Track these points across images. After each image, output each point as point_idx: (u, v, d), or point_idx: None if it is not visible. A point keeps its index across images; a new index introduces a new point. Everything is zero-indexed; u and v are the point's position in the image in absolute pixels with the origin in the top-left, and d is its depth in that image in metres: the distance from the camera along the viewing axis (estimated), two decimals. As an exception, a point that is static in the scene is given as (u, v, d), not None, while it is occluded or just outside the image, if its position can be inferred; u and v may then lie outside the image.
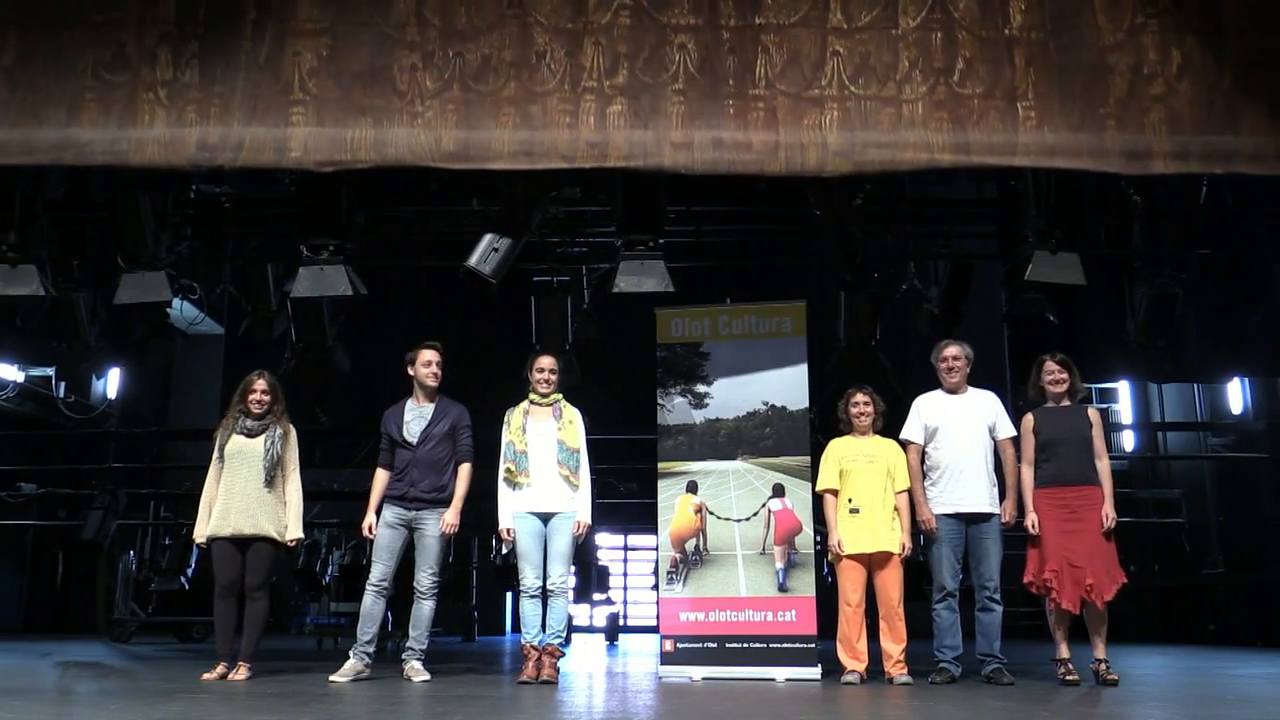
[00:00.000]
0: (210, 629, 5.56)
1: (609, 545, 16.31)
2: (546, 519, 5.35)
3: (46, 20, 5.52)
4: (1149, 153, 5.34)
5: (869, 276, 7.52)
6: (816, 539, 5.92)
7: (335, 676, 5.18)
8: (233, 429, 5.41)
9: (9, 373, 12.18)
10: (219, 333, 10.92)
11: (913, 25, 5.45)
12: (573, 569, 5.72)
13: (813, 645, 5.62)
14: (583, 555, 10.45)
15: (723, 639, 5.73)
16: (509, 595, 14.33)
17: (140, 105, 5.43)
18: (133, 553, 11.76)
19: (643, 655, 8.99)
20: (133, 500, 11.67)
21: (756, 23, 5.45)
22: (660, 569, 5.97)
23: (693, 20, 5.46)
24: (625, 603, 16.28)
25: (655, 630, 7.45)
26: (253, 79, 5.43)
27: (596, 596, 12.55)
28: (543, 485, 5.35)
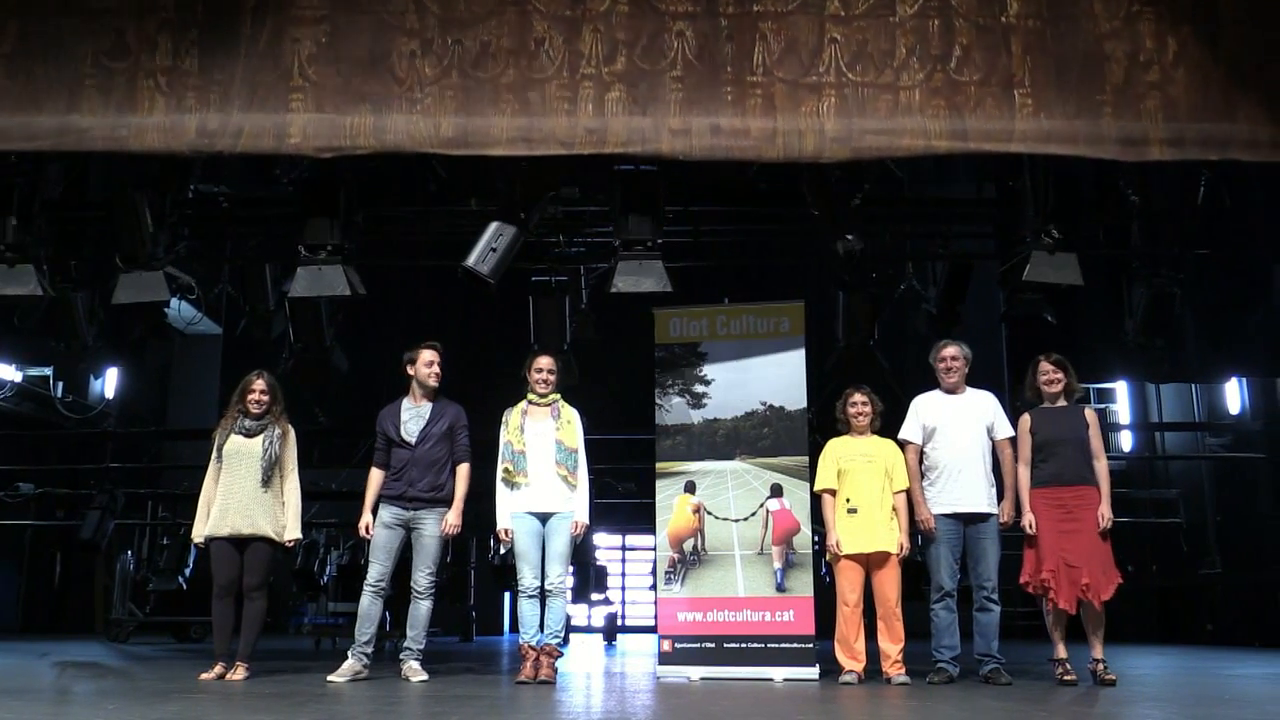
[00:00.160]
0: (208, 629, 5.54)
1: (607, 545, 16.30)
2: (544, 519, 5.35)
3: (46, 8, 5.52)
4: (1145, 139, 5.35)
5: (867, 277, 7.52)
6: (814, 539, 5.92)
7: (333, 676, 5.18)
8: (231, 429, 5.40)
9: (7, 372, 12.18)
10: (217, 332, 10.90)
11: (910, 12, 5.45)
12: (571, 569, 5.72)
13: (811, 645, 5.62)
14: (581, 555, 10.42)
15: (721, 639, 5.73)
16: (507, 595, 14.31)
17: (140, 92, 5.43)
18: (130, 553, 11.74)
19: (641, 655, 8.99)
20: (130, 500, 11.65)
21: (754, 10, 5.46)
22: (658, 569, 5.96)
23: (691, 7, 5.47)
24: (623, 603, 16.25)
25: (653, 630, 7.44)
26: (252, 66, 5.43)
27: (594, 596, 12.52)
28: (541, 485, 5.35)
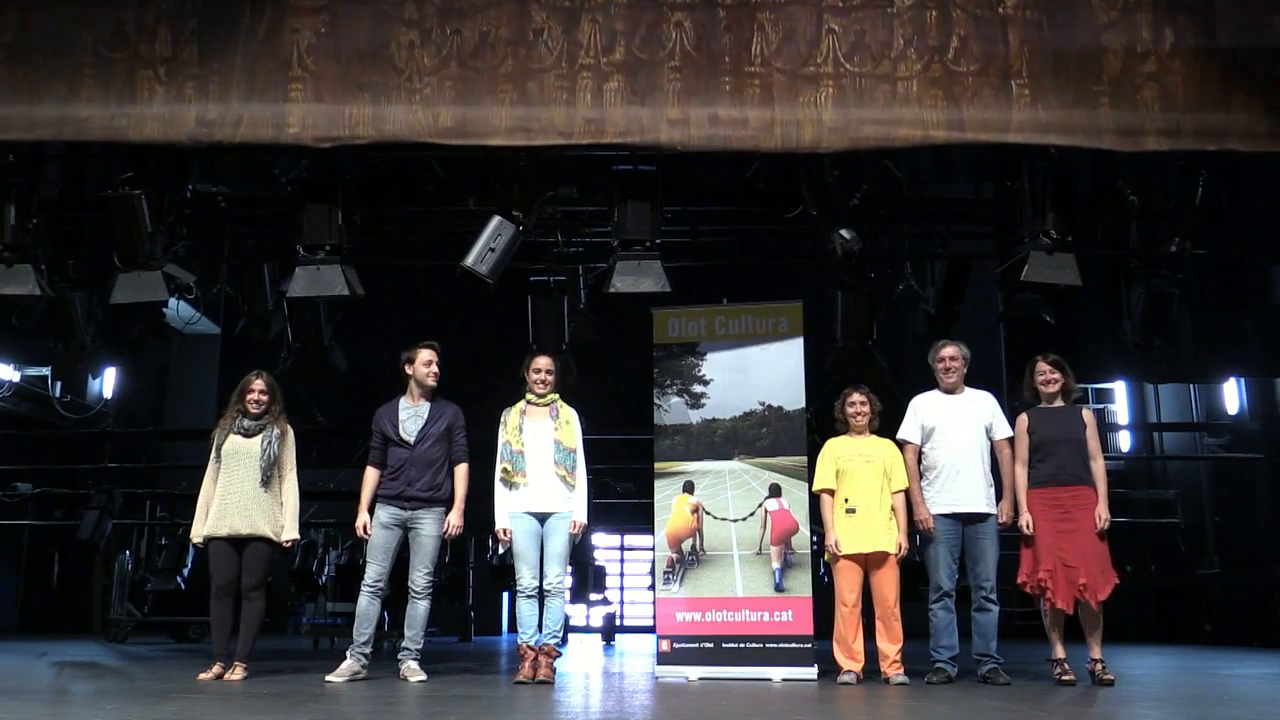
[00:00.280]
0: (206, 629, 5.53)
1: (605, 545, 16.32)
2: (543, 519, 5.35)
3: None
4: (1142, 130, 5.35)
5: (865, 277, 7.51)
6: (813, 539, 5.92)
7: (331, 676, 5.18)
8: (230, 429, 5.40)
9: (5, 372, 12.17)
10: (215, 332, 10.91)
11: (908, 4, 5.47)
12: (569, 569, 5.72)
13: (809, 645, 5.62)
14: (579, 555, 10.44)
15: (719, 639, 5.73)
16: (505, 595, 14.31)
17: (139, 82, 5.44)
18: (129, 552, 11.75)
19: (639, 655, 8.99)
20: (129, 500, 11.64)
21: (752, 1, 5.46)
22: (657, 569, 5.96)
23: None
24: (622, 603, 16.27)
25: (652, 630, 7.44)
26: (251, 56, 5.44)
27: (593, 596, 12.54)
28: (539, 485, 5.35)
